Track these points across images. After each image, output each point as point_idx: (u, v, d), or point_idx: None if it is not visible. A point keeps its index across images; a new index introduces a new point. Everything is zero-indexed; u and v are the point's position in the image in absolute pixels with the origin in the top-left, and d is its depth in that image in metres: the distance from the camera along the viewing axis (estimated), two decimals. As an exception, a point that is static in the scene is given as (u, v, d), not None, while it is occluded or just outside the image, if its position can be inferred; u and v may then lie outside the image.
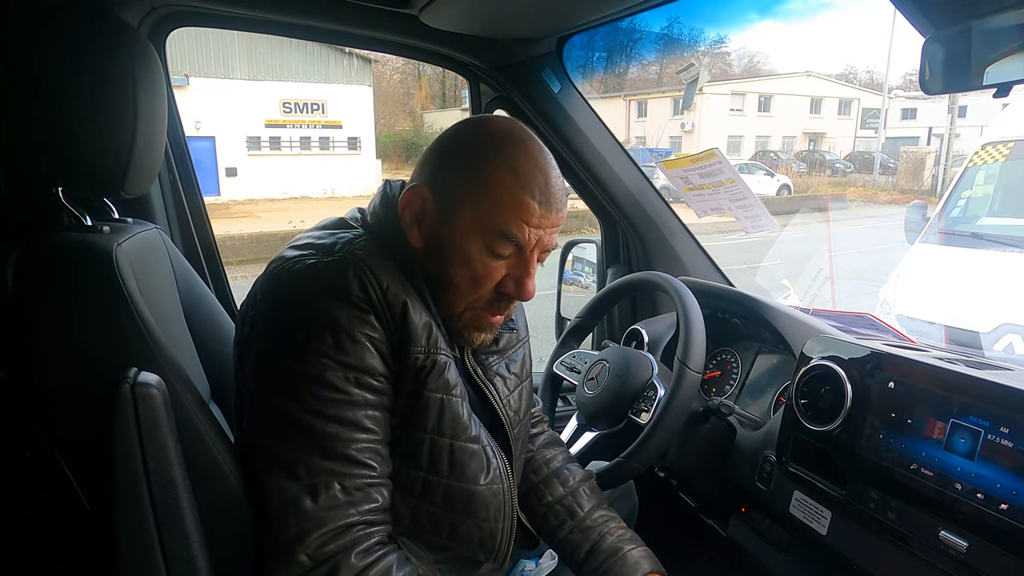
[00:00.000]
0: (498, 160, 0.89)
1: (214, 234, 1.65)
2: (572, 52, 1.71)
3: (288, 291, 0.86)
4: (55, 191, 0.92)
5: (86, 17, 0.92)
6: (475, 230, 0.89)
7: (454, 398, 0.91)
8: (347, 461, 0.83)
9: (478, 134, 0.93)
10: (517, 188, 0.88)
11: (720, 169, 1.59)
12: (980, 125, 9.60)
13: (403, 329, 0.87)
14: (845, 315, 1.54)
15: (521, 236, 0.89)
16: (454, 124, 0.95)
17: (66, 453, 0.85)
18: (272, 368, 0.85)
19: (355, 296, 0.83)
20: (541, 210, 0.89)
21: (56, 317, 0.83)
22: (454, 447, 0.91)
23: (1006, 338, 3.06)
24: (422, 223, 0.92)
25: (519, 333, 1.11)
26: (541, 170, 0.90)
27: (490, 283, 0.91)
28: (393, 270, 0.88)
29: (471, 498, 0.94)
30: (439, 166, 0.92)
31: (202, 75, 17.18)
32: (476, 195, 0.88)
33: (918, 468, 0.97)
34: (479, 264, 0.90)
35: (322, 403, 0.82)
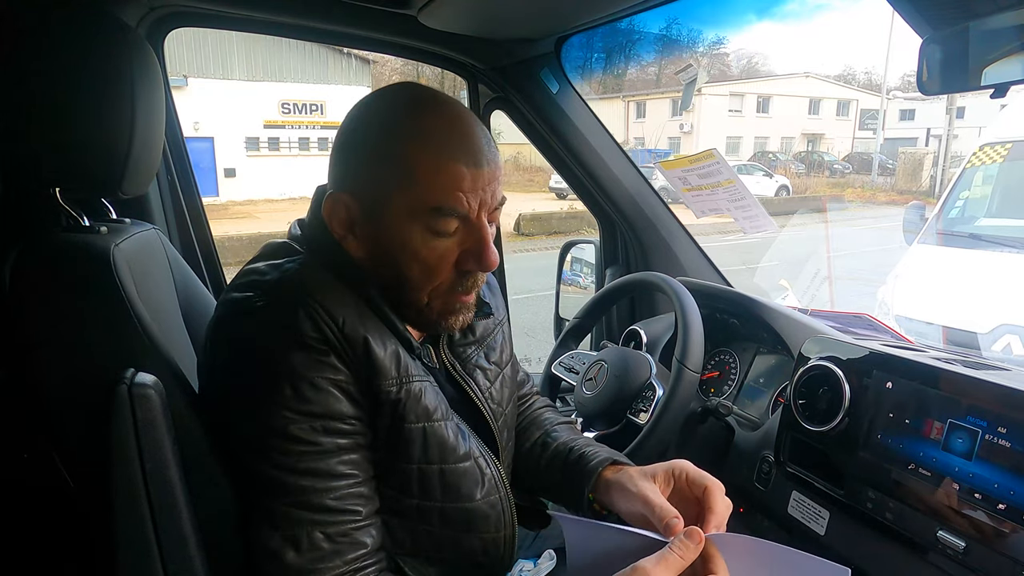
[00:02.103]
0: (404, 133, 0.81)
1: (212, 235, 1.65)
2: (571, 53, 1.71)
3: (239, 343, 0.80)
4: (53, 192, 0.92)
5: (84, 17, 0.91)
6: (409, 217, 0.81)
7: (436, 423, 0.86)
8: (326, 511, 0.79)
9: (375, 113, 0.85)
10: (435, 156, 0.80)
11: (718, 170, 1.59)
12: (978, 126, 9.62)
13: (369, 365, 0.81)
14: (843, 315, 1.55)
15: (459, 206, 0.81)
16: (347, 114, 0.86)
17: (63, 454, 0.84)
18: (236, 425, 0.81)
19: (310, 338, 0.78)
20: (470, 170, 0.80)
21: (54, 318, 0.83)
22: (444, 471, 0.87)
23: (1004, 339, 3.07)
24: (355, 229, 0.85)
25: (496, 316, 1.05)
26: (454, 126, 0.82)
27: (445, 266, 0.84)
28: (347, 299, 0.82)
29: (469, 515, 0.91)
30: (349, 163, 0.85)
31: (201, 76, 17.19)
32: (396, 179, 0.81)
33: (916, 468, 0.97)
34: (426, 251, 0.83)
35: (290, 457, 0.77)
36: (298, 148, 19.63)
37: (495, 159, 0.84)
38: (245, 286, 0.83)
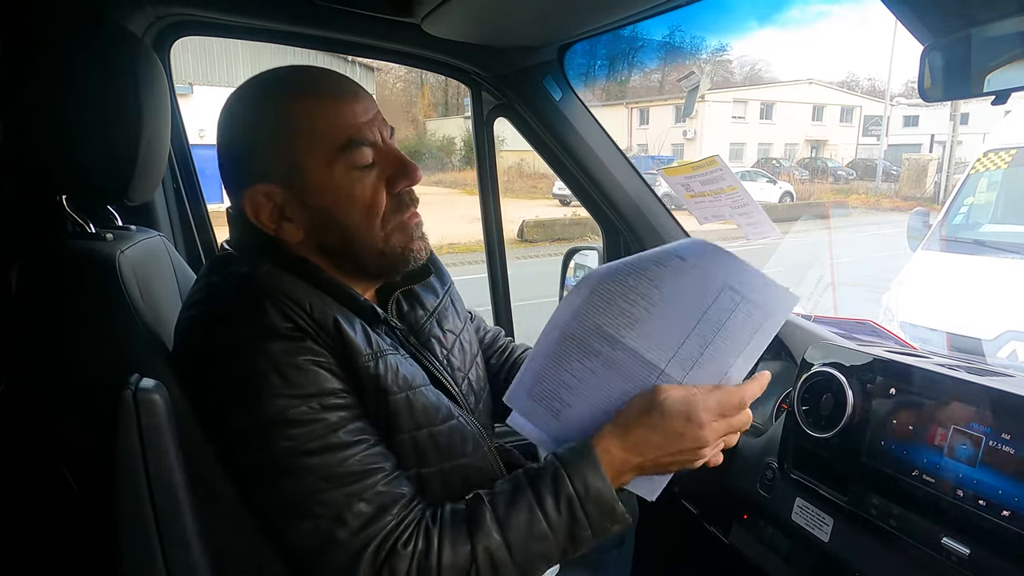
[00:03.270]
0: (288, 98, 0.86)
1: (218, 242, 1.65)
2: (574, 60, 1.72)
3: (215, 350, 0.81)
4: (59, 199, 0.93)
5: (91, 27, 0.92)
6: (331, 164, 0.85)
7: (418, 389, 0.89)
8: (353, 477, 0.79)
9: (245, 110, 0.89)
10: (323, 100, 0.85)
11: (721, 176, 1.59)
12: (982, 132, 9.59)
13: (343, 344, 0.83)
14: (847, 322, 1.54)
15: (366, 134, 0.86)
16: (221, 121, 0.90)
17: (68, 460, 0.85)
18: (236, 433, 0.80)
19: (283, 328, 0.80)
20: (355, 103, 0.86)
21: (60, 324, 0.83)
22: (433, 434, 0.90)
23: (1009, 345, 3.05)
24: (285, 213, 0.87)
25: (440, 284, 1.09)
26: (322, 75, 0.88)
27: (380, 197, 0.88)
28: (306, 287, 0.85)
29: (466, 471, 0.93)
30: (250, 161, 0.88)
31: (206, 83, 17.24)
32: (301, 143, 0.84)
33: (920, 475, 0.97)
34: (359, 189, 0.86)
35: (299, 441, 0.78)
36: (302, 155, 19.68)
37: (366, 92, 0.90)
38: (199, 301, 0.86)
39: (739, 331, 0.82)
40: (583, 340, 0.87)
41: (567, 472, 0.82)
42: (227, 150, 0.89)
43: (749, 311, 0.82)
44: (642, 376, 0.85)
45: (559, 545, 0.82)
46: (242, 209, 0.89)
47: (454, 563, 0.79)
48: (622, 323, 0.86)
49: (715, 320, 0.83)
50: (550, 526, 0.81)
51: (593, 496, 0.82)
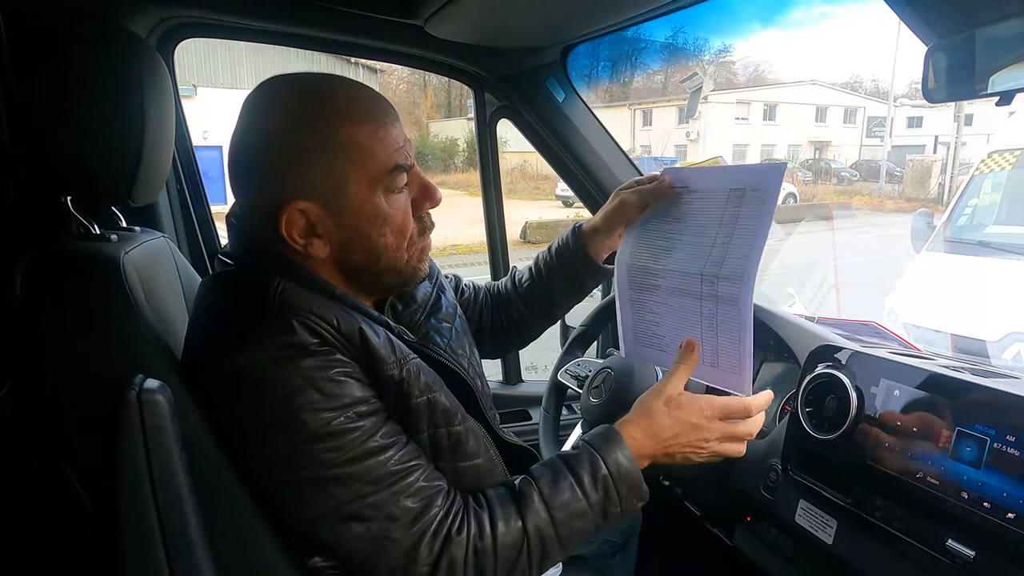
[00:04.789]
0: (338, 120, 0.85)
1: (221, 243, 1.66)
2: (577, 61, 1.72)
3: (246, 375, 0.80)
4: (64, 200, 0.93)
5: (95, 29, 0.93)
6: (371, 189, 0.87)
7: (436, 393, 0.92)
8: (397, 476, 0.83)
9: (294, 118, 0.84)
10: (371, 126, 0.86)
11: (724, 177, 1.59)
12: (986, 133, 9.57)
13: (369, 355, 0.86)
14: (850, 323, 1.54)
15: (406, 160, 0.90)
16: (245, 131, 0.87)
17: (72, 460, 0.85)
18: (277, 453, 0.81)
19: (312, 345, 0.81)
20: (396, 127, 0.89)
21: (64, 325, 0.84)
22: (450, 433, 0.93)
23: (1014, 347, 3.04)
24: (316, 230, 0.87)
25: (431, 279, 1.14)
26: (368, 97, 0.89)
27: (409, 219, 0.93)
28: (326, 302, 0.86)
29: (477, 471, 0.97)
30: (289, 175, 0.84)
31: (210, 85, 17.30)
32: (350, 162, 0.85)
33: (924, 477, 0.97)
34: (394, 212, 0.90)
35: (342, 451, 0.80)
36: (306, 156, 19.70)
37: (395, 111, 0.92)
38: (218, 324, 0.87)
39: (751, 214, 0.97)
40: (642, 284, 1.11)
41: (601, 455, 0.91)
42: (262, 162, 0.86)
43: (752, 196, 0.98)
44: (691, 285, 1.02)
45: (594, 521, 0.91)
46: (252, 218, 0.90)
47: (509, 542, 0.86)
48: (660, 256, 1.08)
49: (731, 218, 0.99)
50: (589, 504, 0.89)
51: (624, 475, 0.91)
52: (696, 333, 1.02)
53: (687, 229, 1.06)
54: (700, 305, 1.01)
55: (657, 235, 1.10)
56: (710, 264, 1.00)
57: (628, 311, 1.14)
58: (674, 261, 1.05)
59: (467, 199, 13.99)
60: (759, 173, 0.99)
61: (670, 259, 1.06)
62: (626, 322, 1.15)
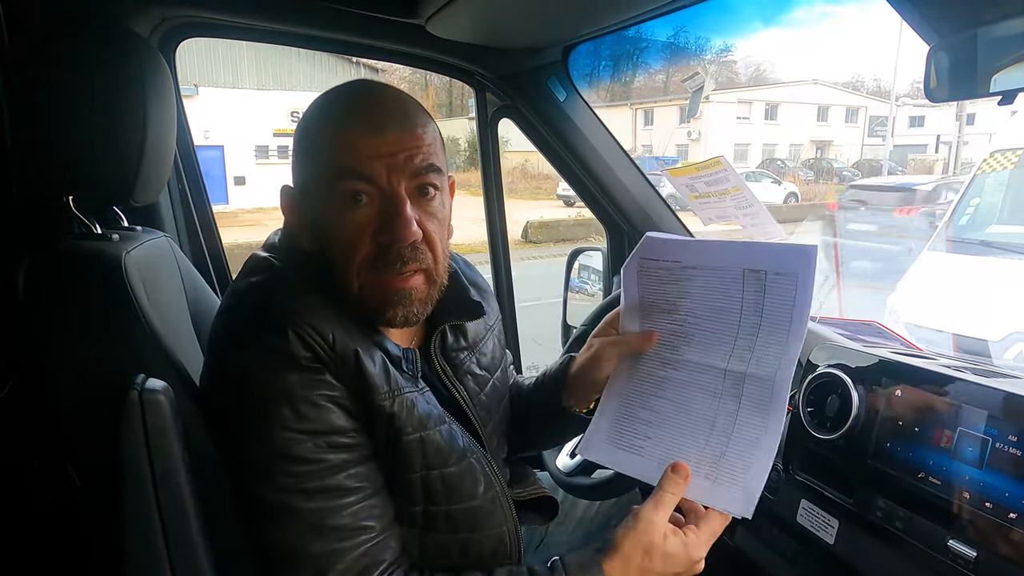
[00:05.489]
0: (322, 115, 0.85)
1: (222, 242, 1.66)
2: (578, 61, 1.72)
3: (233, 373, 0.80)
4: (65, 200, 0.93)
5: (97, 28, 0.93)
6: (323, 189, 0.82)
7: (431, 431, 0.87)
8: (343, 531, 0.79)
9: (308, 111, 0.87)
10: (340, 126, 0.82)
11: (725, 177, 1.59)
12: (988, 132, 9.56)
13: (360, 380, 0.81)
14: (852, 323, 1.54)
15: (361, 167, 0.80)
16: None
17: (74, 458, 0.85)
18: (241, 454, 0.80)
19: (303, 359, 0.78)
20: (372, 135, 0.81)
21: (65, 324, 0.84)
22: (445, 475, 0.88)
23: (1016, 347, 3.04)
24: (303, 221, 0.87)
25: (487, 320, 1.06)
26: (357, 100, 0.85)
27: (363, 238, 0.82)
28: (330, 313, 0.82)
29: (474, 514, 0.92)
30: (293, 160, 0.88)
31: (211, 85, 17.32)
32: (313, 157, 0.84)
33: (926, 477, 0.97)
34: (340, 224, 0.82)
35: (299, 479, 0.77)
36: (307, 156, 19.74)
37: (409, 126, 0.83)
38: (231, 309, 0.86)
39: (779, 304, 0.85)
40: (649, 374, 0.93)
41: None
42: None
43: (778, 282, 0.85)
44: (711, 382, 0.88)
45: None
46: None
47: None
48: (677, 343, 0.92)
49: (753, 304, 0.86)
50: None
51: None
52: (698, 439, 0.87)
53: (701, 312, 0.91)
54: (717, 405, 0.87)
55: (668, 320, 0.94)
56: (735, 359, 0.87)
57: (615, 401, 0.95)
58: (693, 351, 0.90)
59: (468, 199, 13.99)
60: (782, 255, 0.86)
61: (689, 348, 0.91)
62: (606, 412, 0.96)
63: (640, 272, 0.97)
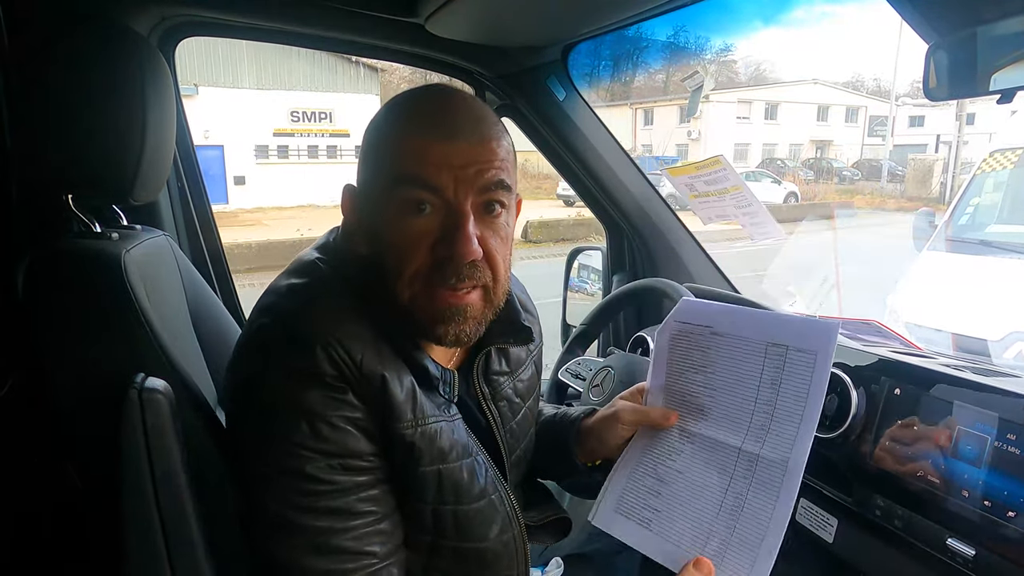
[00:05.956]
0: (393, 119, 0.82)
1: (222, 242, 1.66)
2: (578, 60, 1.72)
3: (259, 377, 0.77)
4: (65, 198, 0.93)
5: (97, 27, 0.93)
6: (385, 194, 0.79)
7: (451, 465, 0.84)
8: (345, 554, 0.77)
9: (379, 112, 0.85)
10: (409, 131, 0.79)
11: (725, 176, 1.59)
12: (988, 132, 9.56)
13: (385, 404, 0.78)
14: (851, 322, 1.53)
15: (427, 175, 0.77)
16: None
17: (74, 458, 0.85)
18: (253, 465, 0.77)
19: (327, 376, 0.75)
20: (442, 144, 0.77)
21: (65, 322, 0.84)
22: (458, 513, 0.85)
23: (1015, 346, 3.04)
24: (361, 223, 0.84)
25: (531, 347, 1.04)
26: (430, 104, 0.82)
27: (419, 249, 0.79)
28: (364, 331, 0.79)
29: (482, 554, 0.89)
30: (359, 158, 0.86)
31: (211, 84, 17.32)
32: (378, 160, 0.81)
33: (925, 475, 0.97)
34: (396, 231, 0.79)
35: (308, 498, 0.75)
36: (307, 156, 19.74)
37: (483, 141, 0.80)
38: (266, 310, 0.82)
39: (797, 381, 0.83)
40: (664, 445, 0.91)
41: None
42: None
43: (798, 359, 0.84)
44: (724, 460, 0.86)
45: None
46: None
47: None
48: (696, 416, 0.90)
49: (771, 380, 0.85)
50: None
51: None
52: (704, 517, 0.85)
53: (721, 384, 0.89)
54: (728, 484, 0.85)
55: (690, 388, 0.92)
56: (751, 438, 0.85)
57: (627, 470, 0.94)
58: (709, 425, 0.88)
59: (468, 198, 13.94)
60: (805, 330, 0.85)
61: (706, 423, 0.89)
62: (616, 480, 0.94)
63: (673, 336, 0.96)
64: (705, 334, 0.92)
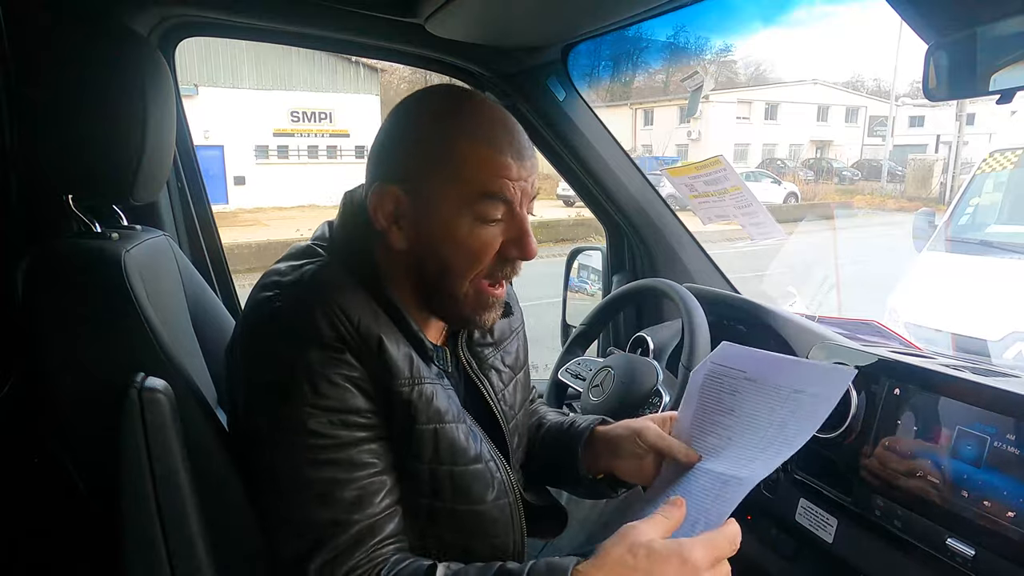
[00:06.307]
0: (460, 129, 0.86)
1: (222, 242, 1.66)
2: (578, 60, 1.72)
3: (260, 344, 0.84)
4: (65, 198, 0.93)
5: (97, 27, 0.93)
6: (460, 205, 0.85)
7: (447, 424, 0.88)
8: (348, 504, 0.81)
9: (429, 113, 0.89)
10: (488, 149, 0.85)
11: (725, 176, 1.59)
12: (988, 132, 9.57)
13: (382, 364, 0.84)
14: (851, 322, 1.54)
15: (506, 192, 0.85)
16: (395, 112, 0.92)
17: (74, 458, 0.85)
18: (257, 425, 0.83)
19: (326, 337, 0.81)
20: (516, 162, 0.86)
21: (65, 322, 0.84)
22: (454, 473, 0.89)
23: (1015, 347, 3.04)
24: (400, 222, 0.88)
25: (512, 323, 1.09)
26: (503, 125, 0.88)
27: (489, 253, 0.88)
28: (363, 300, 0.85)
29: (479, 518, 0.92)
30: (397, 157, 0.88)
31: (211, 84, 17.33)
32: (451, 171, 0.85)
33: (924, 475, 0.97)
34: (472, 238, 0.86)
35: (310, 451, 0.80)
36: (307, 156, 19.75)
37: (533, 154, 0.90)
38: (269, 286, 0.87)
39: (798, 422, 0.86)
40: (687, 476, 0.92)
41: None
42: (390, 134, 0.90)
43: (810, 401, 0.87)
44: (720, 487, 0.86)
45: None
46: (361, 198, 0.91)
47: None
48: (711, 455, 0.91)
49: (780, 421, 0.88)
50: None
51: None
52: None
53: (742, 427, 0.91)
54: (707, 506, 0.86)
55: (712, 429, 0.94)
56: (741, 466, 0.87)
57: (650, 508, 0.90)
58: (720, 462, 0.89)
59: (468, 198, 13.95)
60: (823, 376, 0.89)
61: (718, 460, 0.90)
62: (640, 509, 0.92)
63: (707, 376, 0.98)
64: (739, 378, 0.94)
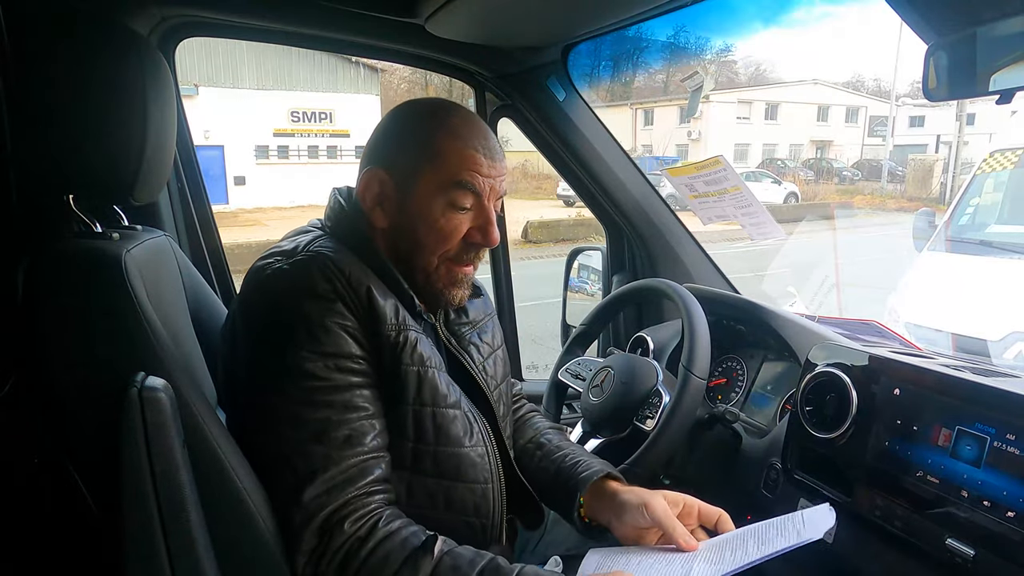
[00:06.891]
0: (442, 128, 1.00)
1: (222, 242, 1.66)
2: (578, 60, 1.72)
3: (260, 297, 0.94)
4: (66, 199, 0.93)
5: (97, 28, 0.93)
6: (436, 191, 0.99)
7: (430, 369, 0.97)
8: (341, 442, 0.88)
9: (417, 114, 1.04)
10: (463, 146, 0.99)
11: (725, 176, 1.59)
12: (989, 132, 9.57)
13: (371, 312, 0.93)
14: (851, 322, 1.54)
15: (476, 184, 0.99)
16: (390, 113, 1.06)
17: (74, 457, 0.85)
18: (258, 371, 0.91)
19: (321, 288, 0.90)
20: (487, 160, 1.00)
21: (66, 322, 0.84)
22: (436, 414, 0.97)
23: (1015, 347, 3.04)
24: (384, 203, 1.01)
25: (486, 307, 1.20)
26: (479, 129, 1.02)
27: (457, 236, 1.01)
28: (352, 259, 0.95)
29: (459, 461, 0.99)
30: (388, 147, 1.02)
31: (211, 85, 17.32)
32: (430, 162, 0.99)
33: (924, 475, 0.97)
34: (444, 221, 0.99)
35: (308, 392, 0.88)
36: (307, 156, 19.73)
37: (503, 159, 1.04)
38: (268, 255, 0.98)
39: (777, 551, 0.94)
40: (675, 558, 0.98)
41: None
42: (384, 128, 1.04)
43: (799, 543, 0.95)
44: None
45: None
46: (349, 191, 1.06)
47: (377, 568, 0.85)
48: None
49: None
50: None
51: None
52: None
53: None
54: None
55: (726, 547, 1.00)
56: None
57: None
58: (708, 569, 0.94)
59: (468, 198, 13.96)
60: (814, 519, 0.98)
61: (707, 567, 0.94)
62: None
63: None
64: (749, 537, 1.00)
